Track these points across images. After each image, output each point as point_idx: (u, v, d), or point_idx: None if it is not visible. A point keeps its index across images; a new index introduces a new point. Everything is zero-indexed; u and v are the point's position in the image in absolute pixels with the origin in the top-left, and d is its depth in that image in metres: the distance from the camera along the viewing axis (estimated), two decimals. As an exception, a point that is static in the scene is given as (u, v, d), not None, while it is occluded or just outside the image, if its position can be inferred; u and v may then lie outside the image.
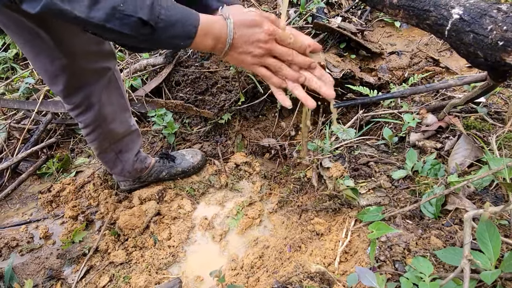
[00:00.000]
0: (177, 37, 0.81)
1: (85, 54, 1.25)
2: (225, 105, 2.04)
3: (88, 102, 1.36)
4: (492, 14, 0.66)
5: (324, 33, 2.19)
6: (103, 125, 1.46)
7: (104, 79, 1.36)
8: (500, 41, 0.63)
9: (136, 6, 0.74)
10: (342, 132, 1.59)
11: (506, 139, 1.24)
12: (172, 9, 0.80)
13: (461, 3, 0.74)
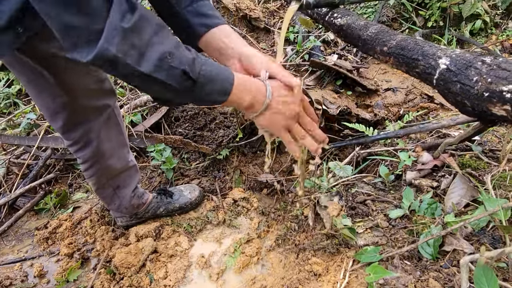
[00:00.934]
0: (214, 92, 0.84)
1: (86, 92, 1.28)
2: (223, 141, 2.06)
3: (87, 138, 1.38)
4: (477, 66, 0.69)
5: (321, 70, 2.25)
6: (101, 161, 1.47)
7: (103, 115, 1.38)
8: (486, 92, 0.65)
9: (181, 59, 0.77)
10: (339, 169, 1.60)
11: (501, 178, 1.25)
12: (210, 65, 0.83)
13: (448, 54, 0.77)
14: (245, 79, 0.88)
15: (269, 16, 2.87)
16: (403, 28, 2.76)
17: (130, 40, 0.71)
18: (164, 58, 0.75)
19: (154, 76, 0.75)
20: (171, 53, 0.75)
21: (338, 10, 1.18)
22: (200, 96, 0.83)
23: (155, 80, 0.76)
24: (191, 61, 0.78)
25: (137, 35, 0.72)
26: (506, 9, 2.59)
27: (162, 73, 0.75)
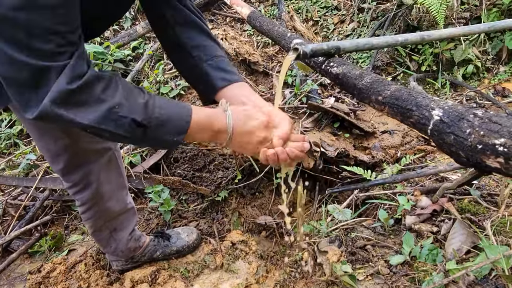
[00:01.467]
0: (170, 133, 0.85)
1: (87, 134, 1.29)
2: (222, 183, 2.06)
3: (87, 180, 1.38)
4: (469, 119, 0.71)
5: (319, 113, 2.29)
6: (99, 203, 1.46)
7: (104, 158, 1.39)
8: (479, 145, 0.67)
9: (131, 107, 0.79)
10: (338, 212, 1.59)
11: (501, 224, 1.24)
12: (165, 107, 0.84)
13: (440, 105, 0.80)
14: (204, 115, 0.90)
15: (267, 60, 2.97)
16: (398, 72, 2.84)
17: (75, 99, 0.75)
18: (112, 110, 0.77)
19: (102, 128, 0.78)
20: (120, 104, 0.78)
21: (334, 59, 1.23)
22: (155, 138, 0.85)
23: (103, 130, 0.79)
24: (143, 106, 0.81)
25: (85, 93, 0.76)
26: (496, 55, 2.69)
27: (110, 124, 0.78)
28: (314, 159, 1.96)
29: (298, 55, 1.09)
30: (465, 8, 2.70)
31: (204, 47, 1.12)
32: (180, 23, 1.12)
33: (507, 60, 2.65)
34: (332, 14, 3.37)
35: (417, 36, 1.32)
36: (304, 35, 2.96)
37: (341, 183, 2.03)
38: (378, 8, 3.13)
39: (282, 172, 1.07)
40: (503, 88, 2.54)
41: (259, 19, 2.20)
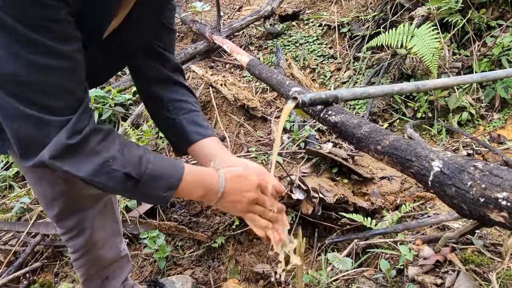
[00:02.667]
0: (159, 188, 0.85)
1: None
2: (219, 228, 2.01)
3: (81, 227, 1.35)
4: (470, 171, 0.71)
5: (317, 158, 2.30)
6: (92, 251, 1.42)
7: (99, 204, 1.36)
8: (481, 198, 0.66)
9: (124, 161, 0.80)
10: (338, 262, 1.54)
11: (507, 276, 1.20)
12: (158, 163, 0.86)
13: (440, 156, 0.80)
14: (197, 173, 0.91)
15: (266, 106, 3.02)
16: (394, 118, 2.89)
17: (72, 152, 0.77)
18: (105, 163, 0.79)
19: (94, 180, 0.79)
20: (114, 157, 0.79)
21: (332, 108, 1.25)
22: (145, 192, 0.85)
23: (96, 182, 0.80)
24: (137, 161, 0.82)
25: (82, 147, 0.78)
26: (490, 102, 2.75)
27: (102, 177, 0.79)
28: (313, 205, 1.94)
29: (297, 104, 1.10)
30: (456, 58, 2.80)
31: (180, 101, 1.17)
32: (160, 80, 1.17)
33: (500, 107, 2.71)
34: (329, 62, 3.49)
35: (412, 86, 1.35)
36: (302, 82, 3.03)
37: (340, 230, 1.99)
38: (373, 57, 3.24)
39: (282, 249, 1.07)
40: (498, 135, 2.57)
41: (258, 67, 2.26)
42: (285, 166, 2.25)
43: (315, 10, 3.96)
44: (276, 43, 3.66)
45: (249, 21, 3.79)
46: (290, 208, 2.02)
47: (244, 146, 2.64)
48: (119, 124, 3.14)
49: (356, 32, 3.47)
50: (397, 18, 3.18)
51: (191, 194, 0.91)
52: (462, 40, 2.89)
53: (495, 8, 2.87)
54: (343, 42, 3.55)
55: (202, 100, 2.99)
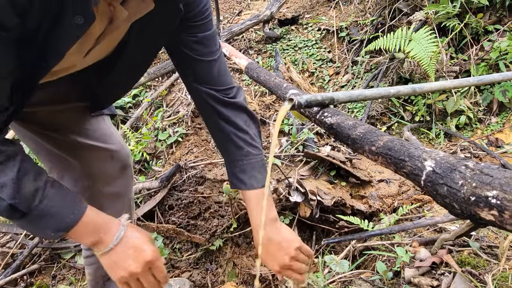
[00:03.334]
0: (49, 227, 0.83)
1: (106, 178, 1.30)
2: (217, 231, 2.02)
3: None
4: (461, 170, 0.71)
5: (315, 161, 2.30)
6: None
7: (118, 204, 1.36)
8: (472, 196, 0.67)
9: (15, 192, 0.76)
10: (335, 264, 1.54)
11: (503, 278, 1.21)
12: (56, 201, 0.82)
13: (432, 156, 0.81)
14: (96, 219, 0.88)
15: (265, 109, 3.03)
16: (392, 122, 2.90)
17: None
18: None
19: None
20: (4, 185, 0.76)
21: (328, 110, 1.26)
22: (33, 226, 0.83)
23: None
24: (30, 194, 0.79)
25: None
26: (488, 106, 2.76)
27: None
28: (311, 208, 1.94)
29: (293, 105, 1.11)
30: (454, 62, 2.81)
31: (239, 137, 1.14)
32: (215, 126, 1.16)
33: (498, 111, 2.72)
34: (328, 66, 3.50)
35: (409, 88, 1.36)
36: (300, 86, 3.05)
37: (338, 232, 1.99)
38: (371, 61, 3.25)
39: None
40: (496, 139, 2.58)
41: (257, 70, 2.27)
42: (283, 169, 2.25)
43: (314, 15, 3.98)
44: (275, 47, 3.68)
45: (249, 25, 3.81)
46: (288, 210, 2.03)
47: (242, 149, 2.65)
48: (119, 127, 3.15)
49: (354, 36, 3.49)
50: (395, 22, 3.20)
51: (81, 240, 0.88)
52: (459, 44, 2.90)
53: (493, 12, 2.89)
54: (342, 46, 3.57)
55: (201, 103, 3.00)
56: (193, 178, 2.32)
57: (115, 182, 1.33)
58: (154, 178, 2.37)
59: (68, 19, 0.71)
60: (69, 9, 0.69)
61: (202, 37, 1.07)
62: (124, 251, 0.88)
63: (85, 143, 1.22)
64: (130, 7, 0.80)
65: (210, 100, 1.11)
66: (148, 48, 1.05)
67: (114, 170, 1.31)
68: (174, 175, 2.30)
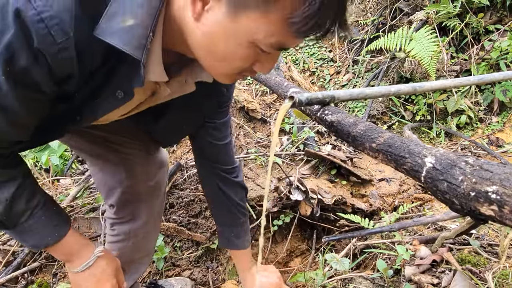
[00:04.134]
0: (26, 241, 0.90)
1: (144, 172, 1.33)
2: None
3: (131, 216, 1.38)
4: (461, 166, 0.72)
5: (316, 160, 2.30)
6: (130, 241, 1.42)
7: (154, 200, 1.40)
8: (472, 192, 0.67)
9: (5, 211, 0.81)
10: (335, 262, 1.54)
11: (503, 276, 1.21)
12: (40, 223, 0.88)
13: (432, 153, 0.81)
14: (72, 244, 0.94)
15: (265, 108, 3.03)
16: (393, 121, 2.90)
17: None
18: None
19: None
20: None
21: (329, 108, 1.26)
22: (15, 236, 0.90)
23: None
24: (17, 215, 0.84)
25: None
26: (488, 106, 2.76)
27: None
28: (311, 207, 1.94)
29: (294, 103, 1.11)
30: (455, 61, 2.81)
31: (220, 217, 1.36)
32: (216, 200, 1.32)
33: (498, 111, 2.72)
34: (328, 65, 3.50)
35: (410, 87, 1.36)
36: (301, 85, 3.05)
37: (338, 231, 2.00)
38: (372, 61, 3.26)
39: None
40: (497, 138, 2.58)
41: (258, 69, 2.28)
42: (284, 167, 2.26)
43: (315, 14, 3.98)
44: (276, 46, 3.68)
45: (250, 25, 3.81)
46: (288, 209, 2.03)
47: (243, 148, 2.65)
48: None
49: (355, 36, 3.49)
50: (396, 22, 3.20)
51: (55, 255, 0.97)
52: (460, 44, 2.91)
53: (493, 12, 2.89)
54: (343, 45, 3.58)
55: (202, 102, 3.01)
56: (194, 176, 2.32)
57: (152, 178, 1.38)
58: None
59: (108, 91, 0.75)
60: (113, 83, 0.74)
61: (220, 123, 1.18)
62: (87, 278, 0.97)
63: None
64: (173, 86, 0.87)
65: (215, 177, 1.25)
66: (188, 115, 1.10)
67: (154, 169, 1.37)
68: (175, 174, 2.30)
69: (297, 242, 2.05)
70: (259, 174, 2.27)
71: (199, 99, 1.02)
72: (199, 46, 0.73)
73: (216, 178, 1.26)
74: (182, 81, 0.90)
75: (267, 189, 1.06)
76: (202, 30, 0.69)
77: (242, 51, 0.70)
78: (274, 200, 1.98)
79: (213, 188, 1.28)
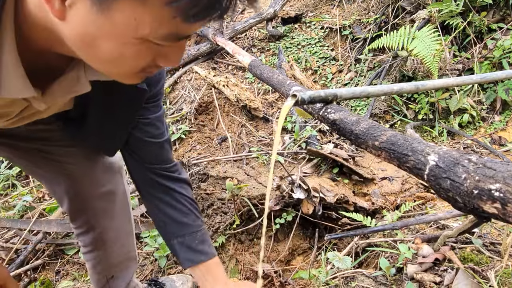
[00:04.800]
0: None
1: (89, 179, 1.27)
2: (220, 228, 2.02)
3: (89, 225, 1.33)
4: (464, 164, 0.72)
5: (318, 159, 2.31)
6: (101, 249, 1.39)
7: (111, 204, 1.33)
8: (475, 190, 0.67)
9: None
10: (338, 260, 1.54)
11: (506, 274, 1.21)
12: None
13: (436, 151, 0.81)
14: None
15: (268, 107, 3.04)
16: (395, 120, 2.90)
17: None
18: None
19: None
20: None
21: (331, 106, 1.26)
22: None
23: None
24: None
25: None
26: (491, 104, 2.75)
27: None
28: (313, 205, 1.94)
29: (296, 101, 1.11)
30: (457, 60, 2.81)
31: (178, 223, 1.16)
32: (164, 201, 1.17)
33: (501, 110, 2.71)
34: (331, 64, 3.50)
35: (412, 86, 1.36)
36: (304, 83, 3.05)
37: (341, 229, 2.00)
38: (375, 59, 3.25)
39: None
40: (499, 137, 2.57)
41: (260, 67, 2.28)
42: (286, 166, 2.26)
43: (317, 13, 3.98)
44: (278, 45, 3.68)
45: (252, 23, 3.82)
46: (290, 207, 2.03)
47: (245, 146, 2.66)
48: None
49: (357, 34, 3.49)
50: (399, 20, 3.20)
51: None
52: (463, 42, 2.90)
53: (496, 11, 2.88)
54: (345, 44, 3.57)
55: (205, 100, 3.01)
56: (196, 175, 2.32)
57: (102, 182, 1.28)
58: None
59: None
60: None
61: (154, 118, 1.07)
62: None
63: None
64: (62, 86, 0.75)
65: (161, 179, 1.13)
66: (115, 118, 1.01)
67: (103, 175, 1.28)
68: (177, 172, 2.30)
69: (299, 241, 2.05)
70: (261, 172, 2.27)
71: (120, 97, 0.92)
72: (78, 49, 0.61)
73: (161, 179, 1.14)
74: (73, 80, 0.76)
75: (269, 187, 1.06)
76: (72, 30, 0.56)
77: (131, 50, 0.58)
78: (276, 198, 1.99)
79: (159, 192, 1.16)
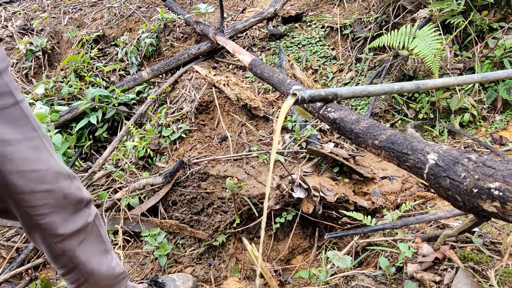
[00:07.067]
0: None
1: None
2: (220, 227, 2.02)
3: (71, 264, 1.27)
4: (464, 163, 0.72)
5: (318, 158, 2.30)
6: (89, 279, 1.34)
7: (82, 235, 1.27)
8: (474, 189, 0.67)
9: None
10: (338, 259, 1.54)
11: (506, 273, 1.21)
12: None
13: (435, 150, 0.81)
14: None
15: (268, 106, 3.03)
16: (396, 119, 2.89)
17: None
18: None
19: None
20: None
21: (331, 105, 1.26)
22: None
23: None
24: None
25: None
26: (492, 104, 2.75)
27: None
28: (314, 204, 1.94)
29: (297, 100, 1.12)
30: (458, 59, 2.80)
31: None
32: None
33: (502, 109, 2.71)
34: (331, 63, 3.50)
35: (413, 85, 1.36)
36: (304, 83, 3.05)
37: (341, 229, 2.00)
38: (375, 58, 3.25)
39: None
40: (500, 137, 2.57)
41: (260, 67, 2.28)
42: (286, 165, 2.26)
43: (318, 12, 3.97)
44: (279, 44, 3.68)
45: (252, 22, 3.81)
46: (291, 206, 2.03)
47: (245, 145, 2.66)
48: (123, 123, 3.17)
49: (358, 33, 3.48)
50: (399, 20, 3.19)
51: None
52: (464, 41, 2.89)
53: (497, 10, 2.87)
54: (346, 43, 3.56)
55: (205, 100, 3.01)
56: (196, 174, 2.33)
57: (70, 221, 1.20)
58: (157, 174, 2.38)
59: None
60: None
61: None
62: None
63: None
64: None
65: None
66: None
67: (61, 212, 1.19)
68: (178, 171, 2.31)
69: (299, 240, 2.05)
70: (262, 171, 2.27)
71: None
72: None
73: None
74: None
75: (269, 186, 1.06)
76: None
77: None
78: (276, 197, 1.99)
79: None
